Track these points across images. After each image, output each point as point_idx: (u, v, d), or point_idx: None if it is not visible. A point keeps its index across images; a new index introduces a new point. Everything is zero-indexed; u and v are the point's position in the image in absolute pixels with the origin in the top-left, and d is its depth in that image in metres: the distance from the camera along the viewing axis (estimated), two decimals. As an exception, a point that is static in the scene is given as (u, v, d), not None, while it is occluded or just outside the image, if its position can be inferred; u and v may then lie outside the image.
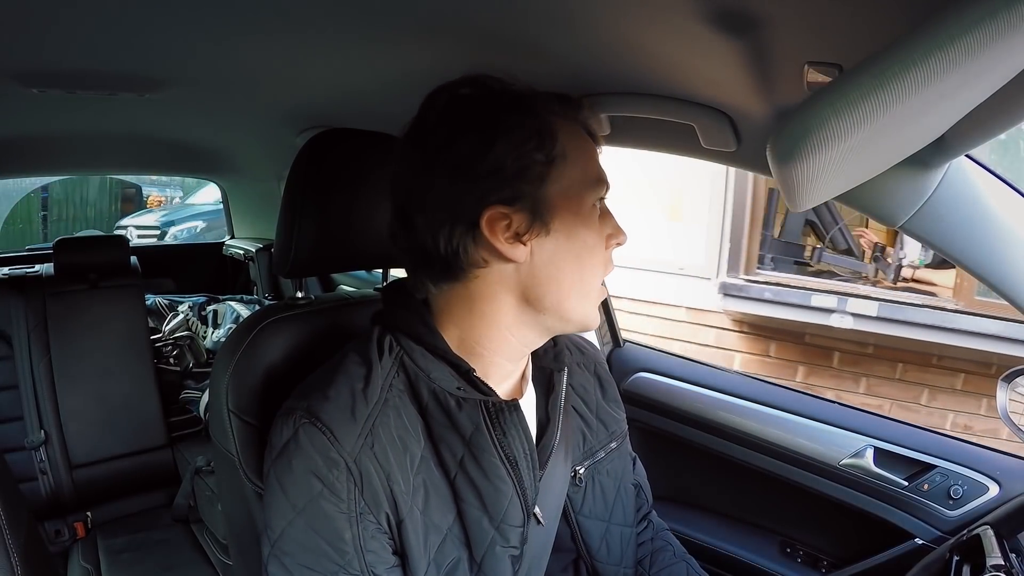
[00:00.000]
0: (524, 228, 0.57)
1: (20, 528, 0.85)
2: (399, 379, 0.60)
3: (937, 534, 0.92)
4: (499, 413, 0.60)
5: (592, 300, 0.62)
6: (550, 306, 0.60)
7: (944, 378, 2.56)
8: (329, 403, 0.57)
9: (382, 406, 0.58)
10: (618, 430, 0.79)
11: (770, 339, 2.80)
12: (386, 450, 0.56)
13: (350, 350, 0.62)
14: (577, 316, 0.62)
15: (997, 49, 0.30)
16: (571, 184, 0.59)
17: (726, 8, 0.50)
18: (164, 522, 1.67)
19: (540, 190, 0.57)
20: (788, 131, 0.38)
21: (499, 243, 0.57)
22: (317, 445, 0.55)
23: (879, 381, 2.66)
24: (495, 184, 0.56)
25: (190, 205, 5.68)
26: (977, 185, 0.67)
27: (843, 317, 2.50)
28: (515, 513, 0.60)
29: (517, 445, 0.60)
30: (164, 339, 2.01)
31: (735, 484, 1.14)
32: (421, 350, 0.61)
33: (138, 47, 0.79)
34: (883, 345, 2.59)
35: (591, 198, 0.61)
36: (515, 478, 0.60)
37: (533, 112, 0.58)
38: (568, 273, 0.60)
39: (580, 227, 0.60)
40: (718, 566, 1.09)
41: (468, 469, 0.59)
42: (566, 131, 0.60)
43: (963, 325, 2.33)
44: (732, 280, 2.68)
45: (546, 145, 0.58)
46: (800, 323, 2.60)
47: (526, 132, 0.57)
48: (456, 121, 0.58)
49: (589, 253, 0.61)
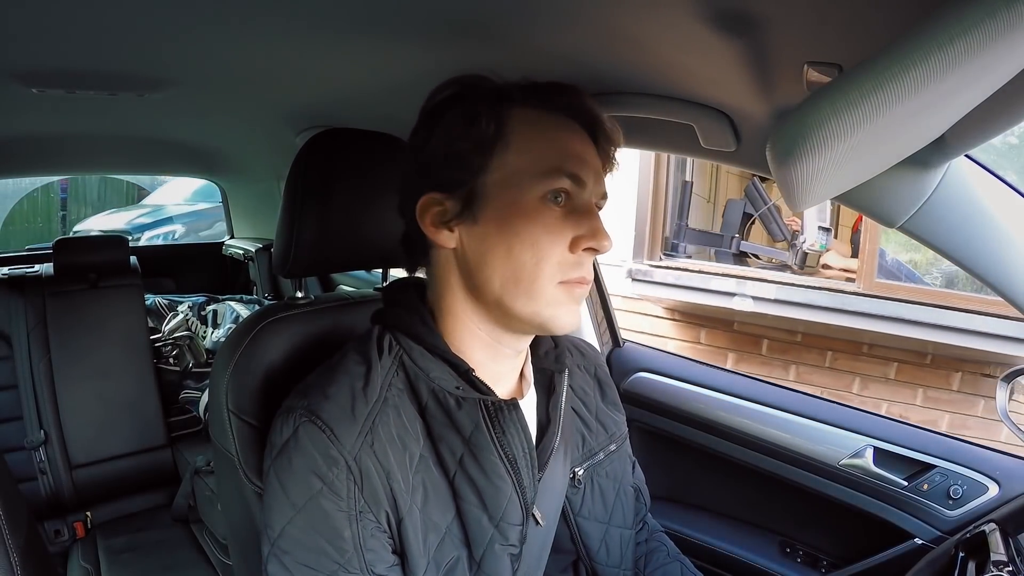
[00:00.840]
0: (452, 215, 0.58)
1: (20, 528, 0.85)
2: (399, 378, 0.60)
3: (937, 534, 0.92)
4: (498, 412, 0.60)
5: (542, 301, 0.58)
6: (492, 300, 0.60)
7: (876, 367, 2.59)
8: (329, 401, 0.56)
9: (382, 405, 0.58)
10: (617, 432, 0.78)
11: (700, 326, 2.92)
12: (386, 448, 0.56)
13: (350, 349, 0.63)
14: (525, 315, 0.59)
15: (997, 49, 0.30)
16: (512, 174, 0.58)
17: (726, 8, 0.50)
18: (164, 522, 1.67)
19: (478, 178, 0.58)
20: (788, 131, 0.38)
21: (426, 227, 0.60)
22: (317, 443, 0.54)
23: (809, 369, 2.71)
24: (430, 171, 0.59)
25: (159, 206, 5.16)
26: (977, 185, 0.67)
27: (744, 300, 2.61)
28: (514, 512, 0.60)
29: (516, 444, 0.60)
30: (164, 339, 2.01)
31: (735, 484, 1.14)
32: (420, 349, 0.61)
33: (138, 47, 0.79)
34: (812, 333, 2.65)
35: (537, 189, 0.57)
36: (514, 477, 0.60)
37: (471, 101, 0.59)
38: (499, 266, 0.58)
39: (516, 219, 0.57)
40: (718, 566, 1.09)
41: (468, 468, 0.59)
42: (521, 119, 0.59)
43: (866, 308, 2.38)
44: (638, 265, 2.86)
45: (474, 133, 0.57)
46: (725, 310, 2.70)
47: (455, 120, 0.58)
48: (420, 121, 0.62)
49: (527, 249, 0.57)
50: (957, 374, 2.46)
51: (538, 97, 0.61)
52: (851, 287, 2.46)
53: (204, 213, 4.91)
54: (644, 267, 2.85)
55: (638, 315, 3.02)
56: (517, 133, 0.58)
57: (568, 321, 0.60)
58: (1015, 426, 0.81)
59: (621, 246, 2.86)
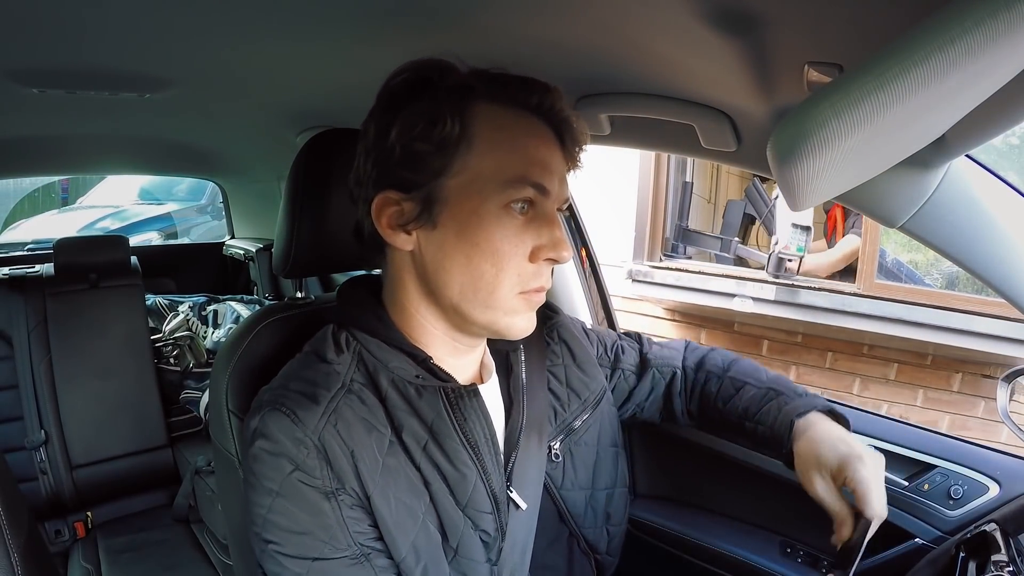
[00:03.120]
0: (410, 218, 0.57)
1: (21, 528, 0.85)
2: (359, 372, 0.60)
3: (937, 534, 0.92)
4: (459, 399, 0.60)
5: (500, 311, 0.58)
6: (448, 305, 0.59)
7: (876, 368, 2.58)
8: (290, 391, 0.57)
9: (344, 393, 0.58)
10: (591, 396, 0.75)
11: (700, 327, 2.91)
12: (349, 428, 0.56)
13: (307, 350, 0.63)
14: (482, 322, 0.59)
15: (997, 50, 0.30)
16: (475, 178, 0.55)
17: (726, 8, 0.50)
18: (164, 522, 1.67)
19: (438, 180, 0.55)
20: (788, 131, 0.38)
21: (383, 229, 0.58)
22: (283, 428, 0.55)
23: (809, 370, 2.70)
24: (388, 168, 0.57)
25: (121, 209, 4.40)
26: (977, 185, 0.67)
27: (744, 301, 2.59)
28: (481, 499, 0.60)
29: (478, 430, 0.60)
30: (164, 339, 2.01)
31: (735, 484, 1.14)
32: (377, 342, 0.61)
33: (139, 47, 0.79)
34: (812, 334, 2.64)
35: (500, 198, 0.55)
36: (478, 463, 0.60)
37: (434, 96, 0.55)
38: (457, 274, 0.57)
39: (476, 227, 0.55)
40: (718, 566, 1.09)
41: (432, 455, 0.59)
42: (486, 118, 0.56)
43: (866, 309, 2.38)
44: (638, 266, 2.85)
45: (435, 133, 0.54)
46: (726, 311, 2.70)
47: (414, 118, 0.55)
48: (377, 106, 0.59)
49: (486, 259, 0.56)
50: (957, 375, 2.46)
51: (506, 94, 0.57)
52: (851, 288, 2.46)
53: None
54: (644, 268, 2.85)
55: (638, 316, 3.02)
56: (481, 135, 0.56)
57: (524, 327, 0.61)
58: (1016, 426, 0.81)
59: (621, 247, 2.87)
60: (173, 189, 4.58)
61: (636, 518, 1.16)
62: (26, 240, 2.87)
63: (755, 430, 0.75)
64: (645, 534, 1.16)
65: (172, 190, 4.58)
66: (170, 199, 4.56)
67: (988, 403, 2.41)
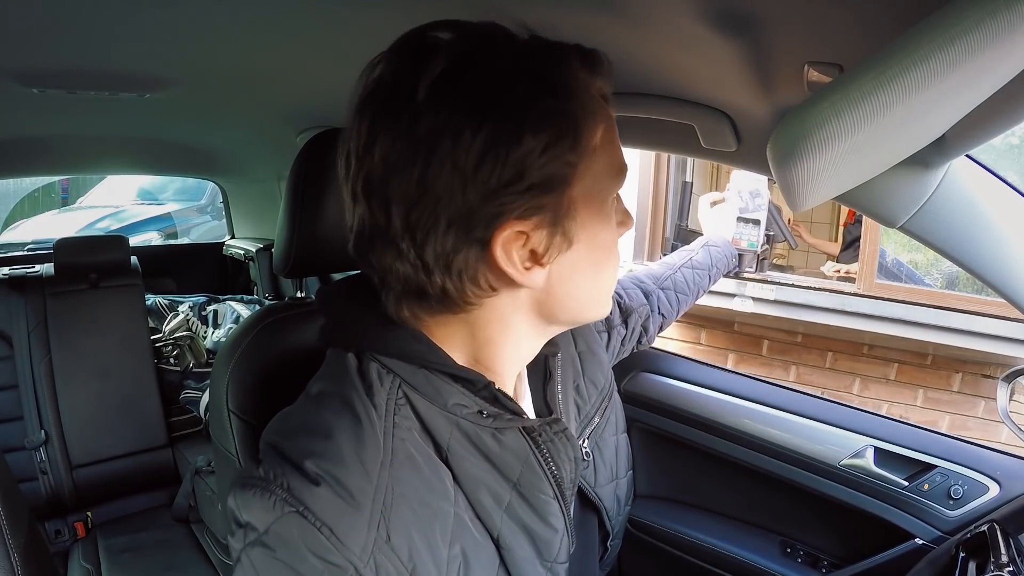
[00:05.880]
0: (544, 246, 0.44)
1: (21, 528, 0.85)
2: (403, 417, 0.45)
3: (937, 534, 0.92)
4: (548, 443, 0.49)
5: (608, 294, 0.52)
6: (567, 320, 0.52)
7: (876, 368, 2.60)
8: (320, 487, 0.41)
9: (391, 468, 0.43)
10: (606, 384, 0.69)
11: (701, 327, 2.91)
12: (409, 533, 0.42)
13: (325, 395, 0.47)
14: (592, 316, 0.53)
15: (997, 49, 0.30)
16: (596, 180, 0.46)
17: (726, 8, 0.50)
18: (164, 522, 1.67)
19: (564, 195, 0.43)
20: (788, 131, 0.38)
21: (513, 269, 0.43)
22: (314, 545, 0.39)
23: (809, 370, 2.71)
24: (514, 195, 0.41)
25: (121, 209, 4.42)
26: (977, 185, 0.67)
27: (744, 300, 2.60)
28: (564, 550, 0.52)
29: (566, 475, 0.50)
30: (164, 339, 2.01)
31: (735, 484, 1.14)
32: (425, 372, 0.46)
33: (138, 47, 0.79)
34: (812, 334, 2.65)
35: (613, 191, 0.48)
36: (565, 513, 0.50)
37: (568, 92, 0.42)
38: (588, 285, 0.49)
39: (603, 233, 0.48)
40: (718, 566, 1.09)
41: (517, 514, 0.48)
42: (596, 111, 0.46)
43: (866, 309, 2.38)
44: (638, 266, 2.85)
45: (582, 140, 0.43)
46: (726, 311, 2.70)
47: (561, 125, 0.42)
48: (456, 99, 0.40)
49: (612, 259, 0.51)
50: (957, 375, 2.46)
51: (597, 72, 0.46)
52: (851, 288, 2.46)
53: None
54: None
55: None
56: (601, 130, 0.46)
57: (610, 304, 0.55)
58: (1016, 426, 0.81)
59: (621, 246, 2.84)
60: (173, 189, 4.59)
61: (636, 518, 1.16)
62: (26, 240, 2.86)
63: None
64: (645, 534, 1.16)
65: (172, 190, 4.59)
66: (170, 199, 4.56)
67: (988, 403, 2.41)
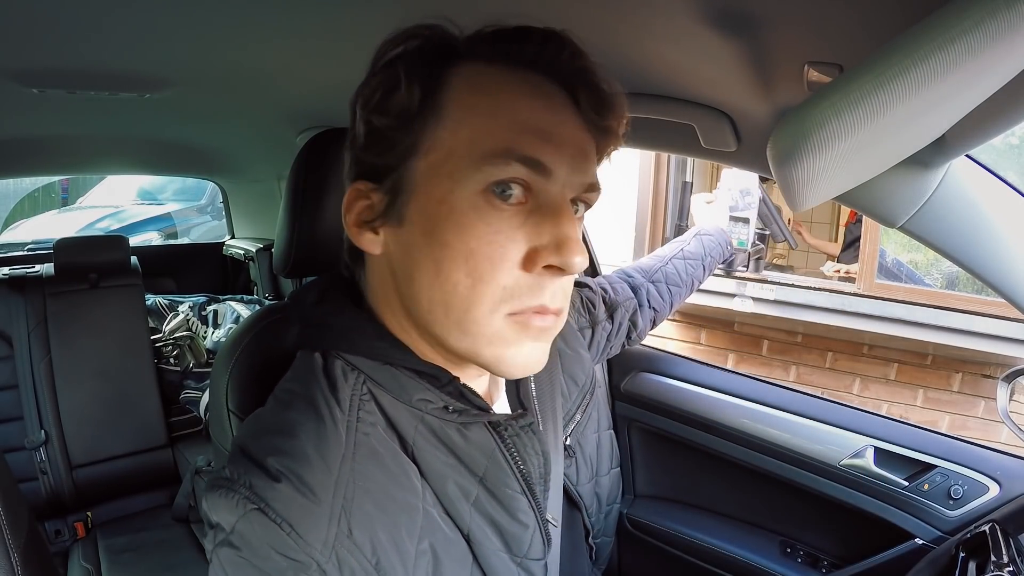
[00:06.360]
0: (378, 212, 0.45)
1: (21, 528, 0.85)
2: (366, 411, 0.45)
3: (937, 534, 0.92)
4: (514, 438, 0.49)
5: (481, 338, 0.43)
6: (422, 325, 0.46)
7: (876, 368, 2.60)
8: (272, 474, 0.41)
9: (352, 461, 0.43)
10: (586, 380, 0.67)
11: (701, 327, 2.92)
12: (372, 526, 0.42)
13: (290, 395, 0.47)
14: (462, 351, 0.44)
15: (997, 49, 0.30)
16: (446, 157, 0.42)
17: (726, 8, 0.50)
18: (164, 522, 1.67)
19: (407, 163, 0.43)
20: (788, 131, 0.38)
21: (348, 227, 0.47)
22: (275, 542, 0.39)
23: (809, 370, 2.72)
24: (355, 155, 0.47)
25: (121, 209, 4.42)
26: (977, 185, 0.67)
27: (744, 301, 2.61)
28: (537, 546, 0.50)
29: (535, 470, 0.50)
30: (164, 339, 2.01)
31: (735, 484, 1.14)
32: (389, 368, 0.47)
33: (138, 47, 0.79)
34: (812, 334, 2.66)
35: (476, 179, 0.41)
36: (536, 508, 0.50)
37: (392, 60, 0.44)
38: (426, 286, 0.43)
39: (445, 222, 0.41)
40: (718, 566, 1.09)
41: (485, 509, 0.47)
42: (463, 80, 0.43)
43: (866, 309, 2.39)
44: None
45: (395, 102, 0.42)
46: (726, 311, 2.71)
47: (372, 87, 0.44)
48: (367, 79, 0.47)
49: (458, 265, 0.41)
50: (957, 375, 2.47)
51: (492, 48, 0.44)
52: (851, 288, 2.47)
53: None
54: (643, 267, 2.86)
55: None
56: (455, 102, 0.42)
57: (522, 363, 0.45)
58: (1016, 426, 0.81)
59: (621, 246, 2.87)
60: (173, 189, 4.59)
61: (636, 518, 1.16)
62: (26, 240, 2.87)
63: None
64: (645, 534, 1.16)
65: (172, 190, 4.59)
66: (170, 199, 4.56)
67: (988, 403, 2.41)
